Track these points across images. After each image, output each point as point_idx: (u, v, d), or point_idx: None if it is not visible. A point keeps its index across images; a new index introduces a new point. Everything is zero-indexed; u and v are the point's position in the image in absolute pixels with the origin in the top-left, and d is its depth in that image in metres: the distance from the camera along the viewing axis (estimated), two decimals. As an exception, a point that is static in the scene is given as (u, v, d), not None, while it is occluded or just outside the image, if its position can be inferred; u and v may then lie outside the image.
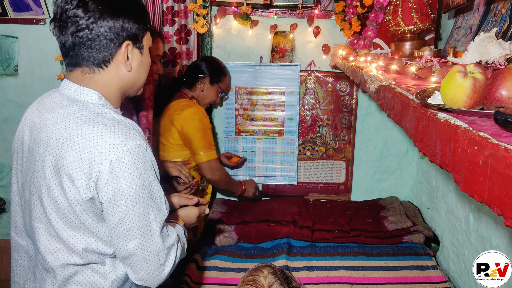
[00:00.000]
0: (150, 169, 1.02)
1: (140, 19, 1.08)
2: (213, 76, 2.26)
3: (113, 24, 1.02)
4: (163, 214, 1.06)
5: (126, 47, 1.06)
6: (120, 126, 0.99)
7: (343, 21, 2.39)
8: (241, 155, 2.74)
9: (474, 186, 0.55)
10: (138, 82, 1.15)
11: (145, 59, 1.14)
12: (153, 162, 1.04)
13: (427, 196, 2.52)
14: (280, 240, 2.33)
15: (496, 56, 0.95)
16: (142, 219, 1.00)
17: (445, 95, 0.72)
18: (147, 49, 1.13)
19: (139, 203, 0.99)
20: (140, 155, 0.99)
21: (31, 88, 2.60)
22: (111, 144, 0.96)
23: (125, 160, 0.96)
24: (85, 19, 1.00)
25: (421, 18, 1.63)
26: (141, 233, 1.01)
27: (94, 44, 1.02)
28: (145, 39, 1.12)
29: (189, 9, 2.41)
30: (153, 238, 1.03)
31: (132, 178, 0.97)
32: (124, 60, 1.06)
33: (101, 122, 0.99)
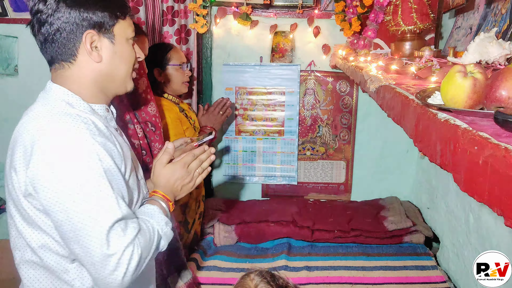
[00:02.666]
0: (94, 165, 0.93)
1: (108, 7, 1.02)
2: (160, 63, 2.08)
3: (70, 15, 0.97)
4: (114, 213, 0.94)
5: (88, 37, 0.99)
6: (68, 119, 0.94)
7: (343, 21, 2.39)
8: (240, 154, 2.73)
9: (474, 186, 0.55)
10: (117, 75, 1.07)
11: (119, 49, 1.05)
12: (101, 157, 0.95)
13: (427, 196, 2.52)
14: (280, 240, 2.33)
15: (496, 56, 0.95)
16: (81, 220, 0.91)
17: (445, 95, 0.72)
18: (122, 38, 1.05)
19: (78, 202, 0.91)
20: (81, 151, 0.92)
21: (31, 88, 2.59)
22: (51, 140, 0.92)
23: (64, 157, 0.91)
24: (44, 14, 0.97)
25: (421, 18, 1.63)
26: (81, 236, 0.92)
27: (56, 38, 0.98)
28: (117, 28, 1.04)
29: (189, 9, 2.41)
30: (95, 242, 0.91)
31: (71, 175, 0.91)
32: (88, 51, 1.00)
33: (50, 116, 0.95)
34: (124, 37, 1.06)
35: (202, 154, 1.20)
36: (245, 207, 2.59)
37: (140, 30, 1.91)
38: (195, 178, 1.19)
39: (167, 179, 1.15)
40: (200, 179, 1.20)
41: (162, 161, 1.16)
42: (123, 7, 1.06)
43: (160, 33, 2.36)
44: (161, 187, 1.14)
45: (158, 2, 2.32)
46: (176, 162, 1.16)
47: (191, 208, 2.17)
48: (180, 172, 1.15)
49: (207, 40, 2.57)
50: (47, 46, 1.01)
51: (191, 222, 2.21)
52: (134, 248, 0.95)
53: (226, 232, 2.33)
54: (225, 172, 2.78)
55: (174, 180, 1.15)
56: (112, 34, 1.03)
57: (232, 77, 2.65)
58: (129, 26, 1.08)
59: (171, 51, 2.10)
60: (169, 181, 1.15)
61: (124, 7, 1.06)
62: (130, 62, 1.09)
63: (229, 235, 2.33)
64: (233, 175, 2.78)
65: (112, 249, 0.92)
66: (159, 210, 1.08)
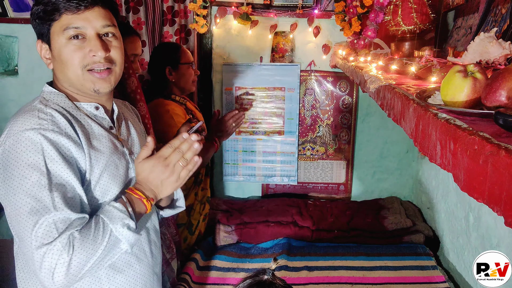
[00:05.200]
0: (37, 161, 0.93)
1: (39, 14, 1.02)
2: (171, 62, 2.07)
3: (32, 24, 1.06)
4: (45, 209, 0.91)
5: (38, 46, 1.08)
6: (26, 114, 0.99)
7: (343, 21, 2.39)
8: (240, 154, 2.74)
9: (474, 186, 0.55)
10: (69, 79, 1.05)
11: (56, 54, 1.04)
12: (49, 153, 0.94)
13: (427, 196, 2.52)
14: (280, 240, 2.33)
15: (496, 56, 0.95)
16: (15, 212, 0.93)
17: (445, 95, 0.72)
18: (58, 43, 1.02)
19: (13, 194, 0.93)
20: (26, 145, 0.94)
21: (31, 88, 2.60)
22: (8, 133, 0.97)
23: (10, 149, 0.95)
24: None
25: (421, 18, 1.63)
26: (17, 227, 0.93)
27: None
28: (52, 33, 1.02)
29: (189, 9, 2.41)
30: (26, 234, 0.91)
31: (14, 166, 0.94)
32: (43, 59, 1.09)
33: (19, 112, 1.02)
34: (60, 40, 1.02)
35: (182, 144, 1.05)
36: (245, 207, 2.59)
37: (131, 29, 1.90)
38: (177, 172, 1.05)
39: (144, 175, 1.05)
40: (186, 172, 1.06)
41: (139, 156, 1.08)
42: (54, 8, 1.01)
43: (160, 33, 2.36)
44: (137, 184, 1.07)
45: (158, 2, 2.32)
46: (152, 156, 1.06)
47: (195, 210, 2.17)
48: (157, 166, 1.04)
49: (207, 40, 2.57)
50: None
51: (195, 224, 2.21)
52: (64, 247, 0.90)
53: (226, 232, 2.33)
54: (225, 172, 2.78)
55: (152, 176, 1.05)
56: (48, 39, 1.04)
57: (232, 77, 2.65)
58: (63, 26, 1.01)
59: (181, 50, 2.10)
60: (147, 177, 1.05)
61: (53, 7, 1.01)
62: (73, 64, 1.03)
63: (229, 235, 2.33)
64: (233, 175, 2.78)
65: (39, 247, 0.89)
66: (119, 208, 0.99)
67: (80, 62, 1.03)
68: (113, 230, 0.97)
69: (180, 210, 1.31)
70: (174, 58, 2.07)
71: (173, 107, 1.97)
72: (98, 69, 1.04)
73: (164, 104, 1.95)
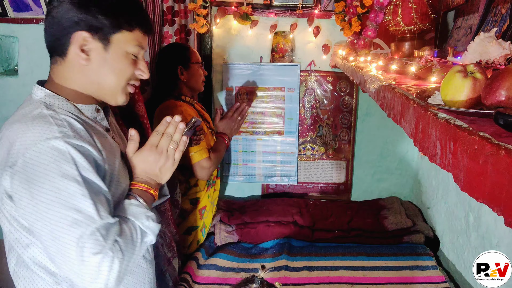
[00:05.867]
0: (68, 171, 0.90)
1: (114, 15, 0.99)
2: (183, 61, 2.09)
3: (68, 12, 0.97)
4: (92, 220, 0.90)
5: (77, 36, 0.98)
6: (40, 122, 0.92)
7: (343, 21, 2.39)
8: (240, 155, 2.73)
9: (474, 186, 0.55)
10: (105, 84, 1.04)
11: (112, 58, 1.01)
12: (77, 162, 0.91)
13: (427, 196, 2.52)
14: (280, 240, 2.33)
15: (496, 56, 0.95)
16: (58, 229, 0.89)
17: (445, 95, 0.72)
18: (121, 50, 1.02)
19: (53, 209, 0.88)
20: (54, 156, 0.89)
21: (31, 88, 2.60)
22: (23, 144, 0.90)
23: (35, 162, 0.88)
24: (51, 6, 0.99)
25: (421, 18, 1.63)
26: (60, 245, 0.89)
27: (53, 30, 0.99)
28: (118, 38, 1.01)
29: (189, 9, 2.41)
30: (74, 250, 0.88)
31: (42, 182, 0.88)
32: (76, 52, 0.99)
33: (25, 119, 0.94)
34: (123, 49, 1.02)
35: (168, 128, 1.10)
36: (245, 207, 2.59)
37: None
38: (171, 156, 1.10)
39: (142, 167, 1.09)
40: (179, 154, 1.12)
41: (129, 151, 1.11)
42: (133, 20, 1.03)
43: (160, 33, 2.36)
44: (137, 178, 1.09)
45: (158, 2, 2.32)
46: (143, 147, 1.10)
47: (209, 212, 2.17)
48: (151, 156, 1.09)
49: (207, 40, 2.57)
50: (47, 37, 1.02)
51: (208, 225, 2.22)
52: (115, 253, 0.91)
53: (227, 232, 2.34)
54: (225, 172, 2.78)
55: (149, 166, 1.09)
56: (108, 41, 1.00)
57: (232, 77, 2.65)
58: (134, 41, 1.03)
59: (190, 50, 2.12)
60: (145, 168, 1.09)
61: (134, 20, 1.03)
62: (123, 76, 1.04)
63: (229, 235, 2.33)
64: (233, 175, 2.78)
65: (91, 258, 0.89)
66: (136, 204, 1.03)
67: (129, 76, 1.06)
68: (140, 226, 1.01)
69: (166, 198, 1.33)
70: (185, 57, 2.08)
71: (185, 108, 1.98)
72: (133, 85, 1.10)
73: (176, 105, 1.97)
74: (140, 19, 1.05)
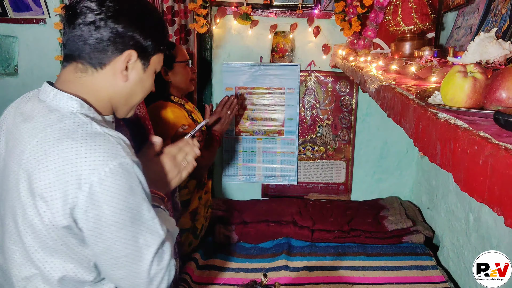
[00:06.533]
0: (137, 189, 0.90)
1: (157, 38, 1.02)
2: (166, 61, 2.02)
3: (123, 29, 0.95)
4: (158, 235, 0.94)
5: (129, 55, 0.97)
6: (102, 141, 0.88)
7: (343, 21, 2.39)
8: (241, 154, 2.73)
9: (474, 186, 0.55)
10: (132, 100, 1.05)
11: (146, 78, 1.05)
12: (141, 180, 0.92)
13: (427, 196, 2.52)
14: (280, 240, 2.33)
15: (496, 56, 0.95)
16: (130, 245, 0.90)
17: (445, 95, 0.72)
18: (152, 70, 1.06)
19: (125, 228, 0.89)
20: (125, 175, 0.88)
21: (31, 88, 2.57)
22: (91, 165, 0.85)
23: (107, 183, 0.85)
24: (95, 13, 0.92)
25: (421, 18, 1.63)
26: (129, 261, 0.91)
27: (95, 41, 0.93)
28: (154, 60, 1.04)
29: (189, 9, 2.41)
30: (143, 265, 0.92)
31: (116, 202, 0.87)
32: (121, 69, 0.97)
33: (80, 136, 0.87)
34: (154, 69, 1.07)
35: (186, 146, 1.16)
36: (245, 207, 2.59)
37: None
38: (182, 171, 1.15)
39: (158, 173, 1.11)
40: (186, 173, 1.16)
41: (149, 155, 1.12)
42: (165, 42, 1.07)
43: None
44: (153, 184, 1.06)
45: (158, 2, 2.32)
46: (164, 155, 1.12)
47: (200, 214, 2.16)
48: (169, 165, 1.12)
49: (207, 40, 2.57)
50: (81, 42, 0.94)
51: (199, 228, 2.19)
52: (169, 266, 0.98)
53: (226, 232, 2.33)
54: (225, 172, 2.78)
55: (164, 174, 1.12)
56: (148, 62, 1.03)
57: (232, 77, 2.65)
58: (161, 61, 1.09)
59: (175, 48, 2.03)
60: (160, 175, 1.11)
61: (169, 43, 1.11)
62: (147, 92, 1.09)
63: (229, 235, 2.33)
64: (233, 175, 2.78)
65: (155, 273, 0.94)
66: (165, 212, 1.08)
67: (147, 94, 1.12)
68: (173, 234, 1.06)
69: None
70: (168, 57, 2.01)
71: (173, 108, 1.94)
72: None
73: (163, 106, 1.91)
74: (168, 41, 1.09)
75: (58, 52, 2.51)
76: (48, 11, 2.47)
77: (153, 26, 1.02)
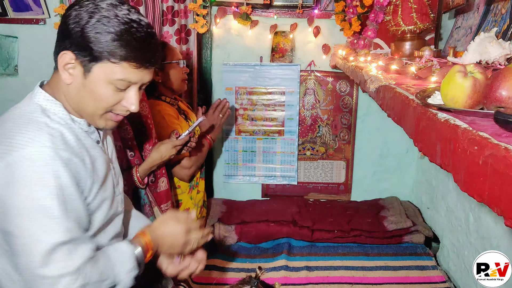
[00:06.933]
0: (47, 183, 0.88)
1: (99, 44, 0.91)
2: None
3: (66, 26, 0.93)
4: (59, 235, 0.88)
5: (62, 55, 0.94)
6: (31, 128, 0.90)
7: (343, 21, 2.39)
8: (240, 154, 2.73)
9: (474, 186, 0.55)
10: (83, 106, 0.98)
11: (91, 86, 0.95)
12: (59, 174, 0.89)
13: (427, 196, 2.52)
14: (280, 240, 2.33)
15: (496, 56, 0.95)
16: (25, 237, 0.87)
17: (445, 95, 0.72)
18: (101, 79, 0.94)
19: (23, 219, 0.87)
20: (36, 166, 0.87)
21: (31, 88, 2.59)
22: (8, 146, 0.88)
23: (17, 167, 0.86)
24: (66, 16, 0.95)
25: (421, 18, 1.63)
26: (24, 252, 0.88)
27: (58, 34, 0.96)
28: (99, 67, 0.93)
29: (189, 9, 2.41)
30: (34, 260, 0.87)
31: (19, 191, 0.86)
32: (60, 68, 0.95)
33: (19, 120, 0.92)
34: (105, 79, 0.95)
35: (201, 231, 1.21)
36: (245, 207, 2.59)
37: None
38: (186, 247, 1.17)
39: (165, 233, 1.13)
40: (188, 251, 1.20)
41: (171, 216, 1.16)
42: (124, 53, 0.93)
43: (160, 33, 2.36)
44: (153, 234, 1.09)
45: (158, 2, 2.32)
46: (182, 224, 1.14)
47: None
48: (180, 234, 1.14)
49: (207, 40, 2.57)
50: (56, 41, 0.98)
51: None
52: (78, 276, 0.89)
53: (226, 232, 2.33)
54: (225, 172, 2.78)
55: (171, 242, 1.13)
56: (88, 67, 0.94)
57: (232, 77, 2.65)
58: (119, 73, 0.95)
59: (165, 49, 1.97)
60: (165, 237, 1.12)
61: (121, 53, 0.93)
62: (101, 104, 0.98)
63: (229, 235, 2.33)
64: (233, 175, 2.78)
65: (48, 272, 0.87)
66: (131, 254, 1.02)
67: (109, 106, 0.99)
68: (116, 274, 0.98)
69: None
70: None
71: (164, 107, 1.91)
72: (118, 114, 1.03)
73: (154, 104, 1.88)
74: (135, 53, 0.94)
75: (58, 52, 2.51)
76: (48, 11, 2.47)
77: (98, 29, 0.91)
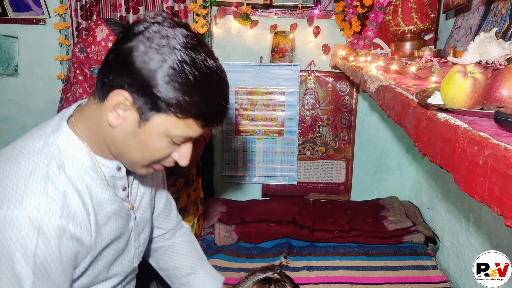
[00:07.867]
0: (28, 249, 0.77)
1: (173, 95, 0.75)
2: None
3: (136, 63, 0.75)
4: None
5: (116, 95, 0.78)
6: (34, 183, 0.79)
7: (343, 21, 2.39)
8: (240, 154, 2.73)
9: (474, 186, 0.55)
10: (125, 154, 0.86)
11: (143, 136, 0.81)
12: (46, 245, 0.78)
13: (427, 196, 2.52)
14: (280, 240, 2.33)
15: (496, 56, 0.95)
16: None
17: (445, 95, 0.72)
18: (158, 131, 0.80)
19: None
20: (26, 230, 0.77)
21: (31, 88, 2.60)
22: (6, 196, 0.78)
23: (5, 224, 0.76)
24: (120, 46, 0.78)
25: (421, 18, 1.63)
26: None
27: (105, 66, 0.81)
28: (158, 118, 0.78)
29: (189, 9, 2.41)
30: None
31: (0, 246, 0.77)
32: (108, 108, 0.80)
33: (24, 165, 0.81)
34: (163, 132, 0.80)
35: None
36: (245, 207, 2.59)
37: None
38: None
39: None
40: None
41: None
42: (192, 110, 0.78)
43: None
44: None
45: (158, 2, 2.32)
46: None
47: (189, 212, 2.15)
48: None
49: (207, 40, 2.57)
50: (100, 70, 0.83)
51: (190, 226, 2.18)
52: None
53: (226, 232, 2.33)
54: (225, 172, 2.78)
55: None
56: (147, 116, 0.79)
57: (232, 77, 2.64)
58: (182, 129, 0.80)
59: None
60: None
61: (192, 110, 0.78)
62: (151, 156, 0.85)
63: (229, 235, 2.33)
64: (233, 175, 2.78)
65: None
66: None
67: (158, 159, 0.87)
68: None
69: None
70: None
71: None
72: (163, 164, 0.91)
73: None
74: (207, 111, 0.81)
75: (58, 52, 2.52)
76: (48, 11, 2.47)
77: (177, 81, 0.75)
